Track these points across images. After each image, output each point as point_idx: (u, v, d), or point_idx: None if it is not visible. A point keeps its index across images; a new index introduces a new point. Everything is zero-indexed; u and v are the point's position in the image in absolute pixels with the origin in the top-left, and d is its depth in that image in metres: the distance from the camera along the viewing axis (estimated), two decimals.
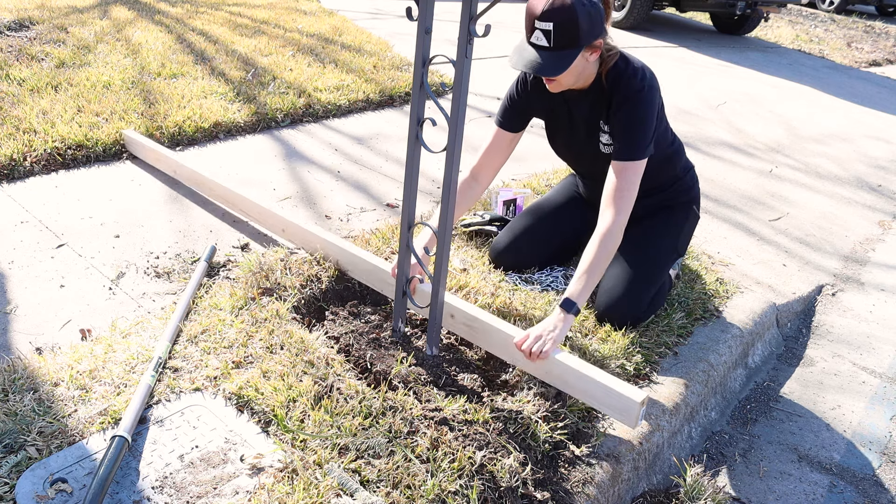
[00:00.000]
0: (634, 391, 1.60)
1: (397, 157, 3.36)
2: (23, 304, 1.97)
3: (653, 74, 1.98)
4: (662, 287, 2.20)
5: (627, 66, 1.96)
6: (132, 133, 2.95)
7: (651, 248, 2.19)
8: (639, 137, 1.94)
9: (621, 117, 1.95)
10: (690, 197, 2.35)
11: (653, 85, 1.96)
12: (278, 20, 5.56)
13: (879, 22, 12.38)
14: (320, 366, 1.72)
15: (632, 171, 1.94)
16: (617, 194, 1.94)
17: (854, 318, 2.72)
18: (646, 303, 2.11)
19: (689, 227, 2.34)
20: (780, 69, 6.90)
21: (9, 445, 1.42)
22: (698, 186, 2.38)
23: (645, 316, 2.14)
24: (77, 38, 4.20)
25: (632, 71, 1.95)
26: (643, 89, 1.93)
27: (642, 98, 1.93)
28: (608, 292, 2.11)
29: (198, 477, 1.42)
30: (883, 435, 2.12)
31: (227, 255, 2.30)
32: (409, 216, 1.75)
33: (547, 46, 1.81)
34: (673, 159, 2.25)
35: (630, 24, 7.67)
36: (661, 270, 2.17)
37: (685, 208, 2.32)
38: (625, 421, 1.63)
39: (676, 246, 2.28)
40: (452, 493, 1.42)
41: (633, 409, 1.59)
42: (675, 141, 2.26)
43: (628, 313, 2.08)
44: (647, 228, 2.23)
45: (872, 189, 4.04)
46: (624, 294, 2.08)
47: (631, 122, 1.94)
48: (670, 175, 2.27)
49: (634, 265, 2.13)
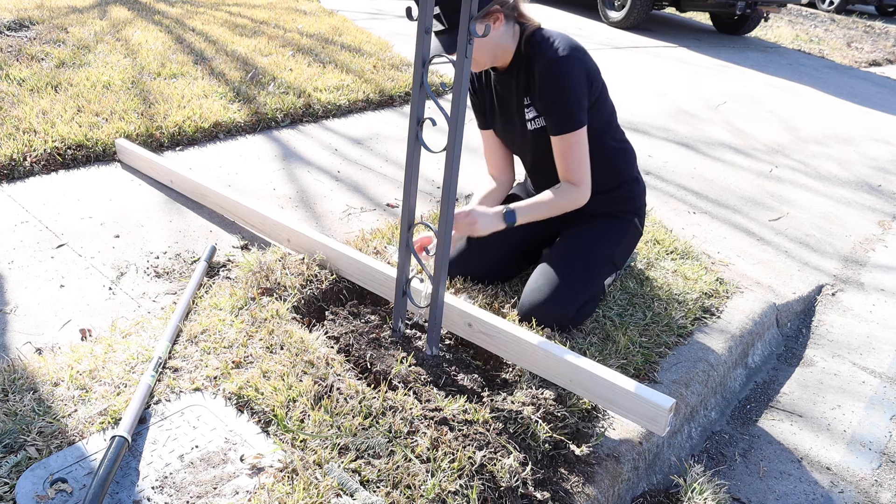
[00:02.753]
0: (662, 398, 1.56)
1: (397, 158, 3.36)
2: (23, 304, 1.97)
3: (577, 45, 1.93)
4: (594, 297, 2.11)
5: (544, 38, 1.93)
6: (124, 142, 2.86)
7: (587, 254, 2.11)
8: (568, 105, 1.90)
9: (544, 88, 1.92)
10: (635, 207, 2.25)
11: (573, 55, 1.91)
12: (278, 20, 5.56)
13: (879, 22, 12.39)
14: (320, 366, 1.72)
15: (573, 142, 1.92)
16: (570, 170, 1.95)
17: (854, 318, 2.72)
18: (573, 311, 2.01)
19: (629, 241, 2.25)
20: (780, 69, 6.90)
21: (9, 445, 1.42)
22: (644, 200, 2.30)
23: (573, 323, 2.04)
24: (77, 38, 4.20)
25: (548, 40, 1.91)
26: (560, 56, 1.89)
27: (561, 67, 1.89)
28: (536, 292, 2.03)
29: (198, 477, 1.42)
30: (883, 435, 2.12)
31: (227, 255, 2.30)
32: (409, 216, 1.75)
33: (444, 29, 1.81)
34: (622, 156, 2.19)
35: (630, 24, 7.68)
36: (592, 281, 2.08)
37: (627, 219, 2.23)
38: (653, 428, 1.58)
39: (613, 257, 2.17)
40: (452, 493, 1.42)
41: (662, 417, 1.55)
42: (626, 141, 2.21)
43: (552, 315, 1.99)
44: (584, 234, 2.16)
45: (872, 189, 4.04)
46: (551, 296, 2.00)
47: (555, 91, 1.90)
48: (617, 173, 2.18)
49: (567, 270, 2.05)
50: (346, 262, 2.10)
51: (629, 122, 4.39)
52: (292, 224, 2.27)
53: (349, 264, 2.09)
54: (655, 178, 3.60)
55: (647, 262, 2.53)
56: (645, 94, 5.19)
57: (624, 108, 4.54)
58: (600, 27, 7.72)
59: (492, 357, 1.92)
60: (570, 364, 1.67)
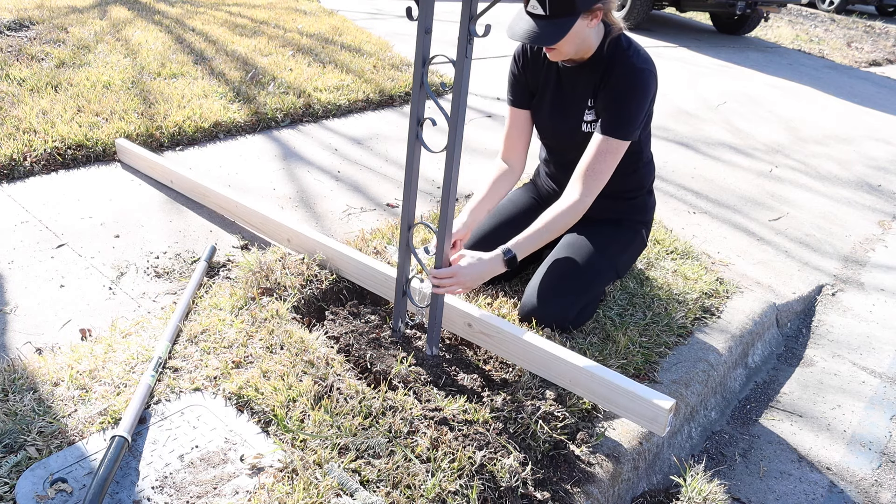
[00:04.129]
0: (662, 398, 1.56)
1: (397, 158, 3.36)
2: (23, 304, 1.97)
3: (654, 64, 1.93)
4: (594, 300, 2.10)
5: (630, 45, 1.91)
6: (124, 142, 2.86)
7: (591, 258, 2.08)
8: (629, 114, 1.88)
9: (615, 89, 1.89)
10: (644, 219, 2.26)
11: (653, 71, 1.90)
12: (278, 20, 5.56)
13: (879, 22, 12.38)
14: (320, 366, 1.72)
15: (612, 149, 1.89)
16: (590, 172, 1.90)
17: (854, 318, 2.72)
18: (574, 312, 2.01)
19: (635, 249, 2.25)
20: (780, 69, 6.90)
21: (9, 445, 1.42)
22: (653, 214, 2.31)
23: (574, 325, 2.03)
24: (77, 38, 4.20)
25: (634, 50, 1.90)
26: (644, 68, 1.87)
27: (641, 77, 1.87)
28: (537, 293, 2.01)
29: (198, 477, 1.42)
30: (883, 435, 2.12)
31: (227, 255, 2.30)
32: (409, 216, 1.75)
33: (543, 14, 1.75)
34: (648, 169, 2.19)
35: (630, 24, 7.67)
36: (596, 283, 2.07)
37: (635, 228, 2.23)
38: (653, 428, 1.58)
39: (617, 264, 2.17)
40: (452, 493, 1.42)
41: (662, 417, 1.55)
42: (651, 158, 2.20)
43: (553, 316, 1.98)
44: (591, 237, 2.12)
45: (872, 189, 4.04)
46: (553, 298, 1.99)
47: (624, 96, 1.88)
48: (635, 185, 2.18)
49: (570, 273, 2.04)
50: (346, 262, 2.10)
51: None
52: (292, 224, 2.26)
53: (349, 264, 2.09)
54: (656, 177, 3.60)
55: (647, 262, 2.53)
56: None
57: None
58: None
59: (492, 357, 1.92)
60: (570, 364, 1.67)
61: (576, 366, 1.67)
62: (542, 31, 1.77)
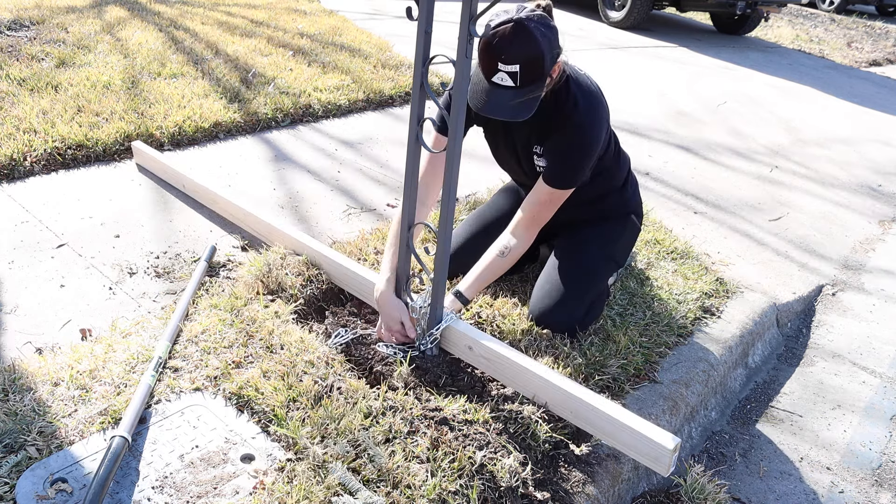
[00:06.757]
0: (666, 437, 1.51)
1: (397, 158, 3.36)
2: (23, 304, 1.97)
3: (603, 101, 1.90)
4: (600, 296, 2.11)
5: (570, 89, 1.86)
6: (141, 145, 2.86)
7: (586, 258, 2.10)
8: (575, 168, 1.90)
9: (559, 147, 1.89)
10: (629, 206, 2.26)
11: (601, 114, 1.88)
12: (277, 20, 5.56)
13: (879, 22, 12.38)
14: (320, 366, 1.72)
15: (555, 199, 1.93)
16: (531, 221, 1.95)
17: (854, 318, 2.72)
18: (581, 313, 2.02)
19: (628, 238, 2.26)
20: (780, 69, 6.90)
21: (9, 445, 1.42)
22: (639, 197, 2.30)
23: (582, 326, 2.04)
24: (76, 38, 4.20)
25: (578, 95, 1.86)
26: (590, 121, 1.86)
27: (589, 132, 1.87)
28: (544, 298, 2.03)
29: (198, 477, 1.42)
30: (883, 435, 2.12)
31: (227, 255, 2.30)
32: (409, 216, 1.75)
33: (512, 86, 1.70)
34: (612, 172, 2.17)
35: (630, 24, 7.68)
36: (596, 281, 2.08)
37: (623, 219, 2.23)
38: (656, 468, 1.53)
39: (614, 256, 2.18)
40: (452, 492, 1.42)
41: (665, 457, 1.50)
42: (619, 155, 2.18)
43: (562, 319, 2.00)
44: (582, 238, 2.15)
45: (872, 190, 4.04)
46: (559, 301, 2.00)
47: (573, 151, 1.89)
48: (607, 187, 2.18)
49: (569, 276, 2.04)
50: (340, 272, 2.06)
51: (629, 123, 4.39)
52: (285, 228, 2.23)
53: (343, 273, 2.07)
54: (655, 179, 3.60)
55: (647, 262, 2.53)
56: (645, 94, 5.19)
57: (624, 108, 4.54)
58: (600, 27, 7.72)
59: None
60: (572, 396, 1.63)
61: (578, 398, 1.62)
62: (514, 105, 1.72)
